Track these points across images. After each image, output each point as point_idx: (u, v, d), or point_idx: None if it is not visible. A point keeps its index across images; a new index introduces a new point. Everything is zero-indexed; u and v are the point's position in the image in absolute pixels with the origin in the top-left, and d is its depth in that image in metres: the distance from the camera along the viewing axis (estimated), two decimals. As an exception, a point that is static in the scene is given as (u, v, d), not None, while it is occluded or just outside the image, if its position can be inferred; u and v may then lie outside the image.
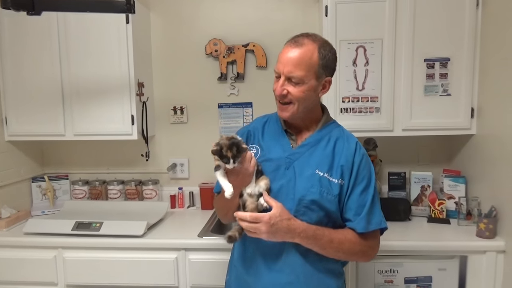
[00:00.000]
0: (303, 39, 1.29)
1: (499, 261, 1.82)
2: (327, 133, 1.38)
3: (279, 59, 1.31)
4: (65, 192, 2.60)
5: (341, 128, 1.42)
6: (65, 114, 2.27)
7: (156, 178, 2.58)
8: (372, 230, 1.31)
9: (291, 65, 1.27)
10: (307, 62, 1.27)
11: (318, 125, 1.39)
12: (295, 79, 1.27)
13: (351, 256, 1.35)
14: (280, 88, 1.29)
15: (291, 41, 1.31)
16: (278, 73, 1.31)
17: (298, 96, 1.29)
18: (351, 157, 1.33)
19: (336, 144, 1.35)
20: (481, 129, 2.07)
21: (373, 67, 2.10)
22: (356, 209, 1.31)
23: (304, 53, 1.27)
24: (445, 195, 2.20)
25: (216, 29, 2.48)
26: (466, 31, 2.04)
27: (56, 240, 2.02)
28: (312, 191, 1.28)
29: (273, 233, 1.22)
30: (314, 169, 1.30)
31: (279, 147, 1.37)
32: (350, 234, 1.30)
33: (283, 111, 1.33)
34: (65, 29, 2.20)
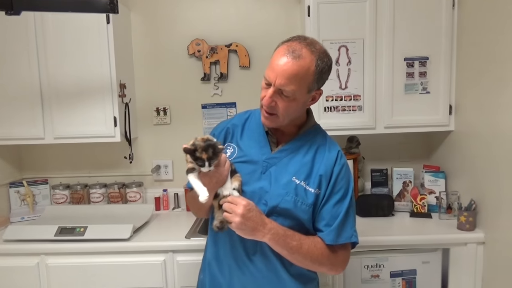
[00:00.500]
0: (301, 50, 1.18)
1: (479, 252, 1.90)
2: (309, 139, 1.32)
3: (271, 65, 1.21)
4: (45, 197, 2.53)
5: (324, 134, 1.38)
6: (44, 116, 2.21)
7: (140, 181, 2.54)
8: (341, 243, 1.26)
9: (285, 78, 1.17)
10: (302, 77, 1.18)
11: (301, 130, 1.34)
12: (286, 92, 1.19)
13: (319, 266, 1.27)
14: (269, 99, 1.21)
15: (287, 48, 1.19)
16: (268, 82, 1.21)
17: (286, 110, 1.23)
18: (331, 167, 1.27)
19: (317, 152, 1.30)
20: (459, 125, 2.14)
21: (355, 66, 2.14)
22: (328, 220, 1.26)
23: (301, 67, 1.17)
24: (426, 190, 2.27)
25: (199, 29, 2.46)
26: (443, 31, 2.11)
27: (38, 246, 1.96)
28: (286, 199, 1.24)
29: (246, 220, 1.16)
30: (291, 176, 1.26)
31: (257, 149, 1.32)
32: (320, 243, 1.25)
33: (267, 120, 1.27)
34: (42, 29, 2.14)
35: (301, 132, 1.34)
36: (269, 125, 1.30)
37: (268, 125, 1.29)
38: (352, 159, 2.31)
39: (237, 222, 1.17)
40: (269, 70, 1.21)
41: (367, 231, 2.00)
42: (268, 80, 1.21)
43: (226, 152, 1.34)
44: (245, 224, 1.17)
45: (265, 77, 1.23)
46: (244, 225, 1.17)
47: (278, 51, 1.22)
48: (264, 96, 1.23)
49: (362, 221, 2.16)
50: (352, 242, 1.31)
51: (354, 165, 2.32)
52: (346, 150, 2.36)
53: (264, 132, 1.34)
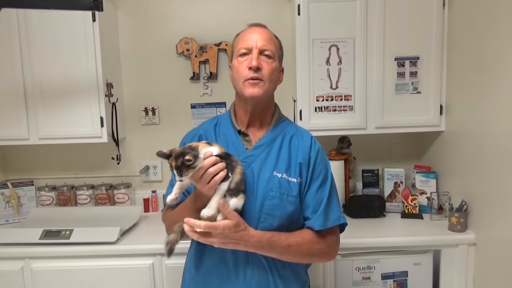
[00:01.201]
0: (262, 24, 1.32)
1: (470, 253, 1.88)
2: (281, 131, 1.33)
3: (244, 38, 1.27)
4: (30, 199, 2.47)
5: (294, 125, 1.38)
6: (28, 117, 2.15)
7: (128, 182, 2.50)
8: (330, 227, 1.26)
9: (264, 39, 1.26)
10: (274, 41, 1.30)
11: (271, 123, 1.34)
12: (268, 51, 1.25)
13: (311, 257, 1.28)
14: (257, 60, 1.23)
15: (251, 25, 1.32)
16: (247, 49, 1.25)
17: (269, 72, 1.25)
18: (308, 153, 1.29)
19: (292, 142, 1.31)
20: (449, 125, 2.13)
21: (346, 66, 2.12)
22: (313, 206, 1.26)
23: (271, 33, 1.31)
24: (417, 190, 2.26)
25: (188, 27, 2.42)
26: (433, 31, 2.10)
27: (22, 250, 1.91)
28: (271, 195, 1.22)
29: (224, 243, 1.14)
30: (271, 171, 1.24)
31: (233, 151, 1.27)
32: (308, 235, 1.24)
33: (255, 86, 1.23)
34: (26, 27, 2.09)
35: (272, 125, 1.33)
36: (257, 94, 1.24)
37: (256, 93, 1.24)
38: (343, 159, 2.29)
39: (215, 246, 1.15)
40: (242, 43, 1.27)
41: (358, 233, 1.98)
42: (247, 47, 1.25)
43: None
44: (224, 246, 1.15)
45: (239, 50, 1.26)
46: (223, 246, 1.15)
47: (243, 32, 1.31)
48: (246, 67, 1.24)
49: (353, 222, 2.14)
50: (341, 224, 1.31)
51: (345, 166, 2.30)
52: (337, 150, 2.34)
53: (236, 132, 1.32)
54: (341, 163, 2.28)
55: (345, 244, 1.89)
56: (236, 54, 1.29)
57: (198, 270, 1.30)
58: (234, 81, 1.31)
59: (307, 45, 2.10)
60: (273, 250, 1.19)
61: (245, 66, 1.24)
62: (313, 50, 2.11)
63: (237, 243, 1.15)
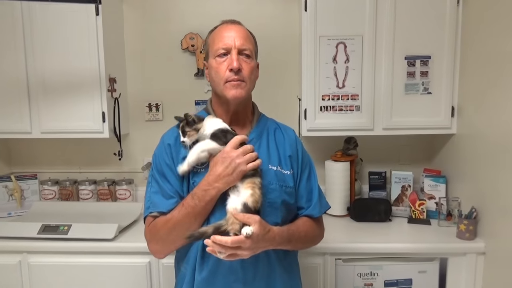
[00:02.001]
0: (236, 21, 1.30)
1: (479, 262, 1.80)
2: (264, 126, 1.34)
3: (221, 36, 1.24)
4: (33, 192, 2.47)
5: (272, 120, 1.41)
6: (31, 110, 2.15)
7: (130, 178, 2.47)
8: (324, 212, 1.38)
9: (241, 38, 1.23)
10: (251, 38, 1.29)
11: (254, 120, 1.34)
12: (247, 51, 1.23)
13: (312, 242, 1.36)
14: (237, 61, 1.20)
15: (226, 22, 1.28)
16: (226, 49, 1.22)
17: (249, 73, 1.24)
18: (295, 146, 1.33)
19: (276, 136, 1.33)
20: (461, 128, 2.04)
21: (353, 64, 2.05)
22: (306, 195, 1.33)
23: (246, 30, 1.29)
24: (426, 195, 2.17)
25: (193, 23, 2.38)
26: (446, 29, 2.01)
27: (20, 244, 1.89)
28: (271, 188, 1.22)
29: (255, 251, 1.11)
30: (266, 165, 1.24)
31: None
32: (309, 222, 1.31)
33: (238, 88, 1.22)
34: (30, 20, 2.08)
35: (254, 121, 1.34)
36: (240, 95, 1.23)
37: (239, 95, 1.22)
38: (349, 160, 2.22)
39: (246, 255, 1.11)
40: (219, 42, 1.23)
41: (361, 237, 1.92)
42: (225, 47, 1.22)
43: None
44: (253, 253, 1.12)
45: (217, 50, 1.23)
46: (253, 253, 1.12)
47: (218, 29, 1.27)
48: (227, 67, 1.21)
49: (357, 226, 2.08)
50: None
51: (351, 167, 2.23)
52: (343, 151, 2.27)
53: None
54: (347, 164, 2.21)
55: (347, 249, 1.83)
56: (213, 53, 1.25)
57: (201, 273, 1.23)
58: (212, 82, 1.27)
59: (313, 42, 2.04)
60: (291, 243, 1.22)
61: (225, 67, 1.22)
62: (319, 47, 2.04)
63: (265, 247, 1.14)
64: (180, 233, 1.17)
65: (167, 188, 1.24)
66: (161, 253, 1.28)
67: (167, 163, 1.26)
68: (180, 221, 1.17)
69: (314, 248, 1.74)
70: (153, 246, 1.26)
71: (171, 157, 1.26)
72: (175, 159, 1.25)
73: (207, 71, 1.30)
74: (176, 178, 1.25)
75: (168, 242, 1.22)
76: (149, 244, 1.27)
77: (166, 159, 1.26)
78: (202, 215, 1.17)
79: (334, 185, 2.20)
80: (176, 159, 1.25)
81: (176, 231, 1.18)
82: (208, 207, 1.17)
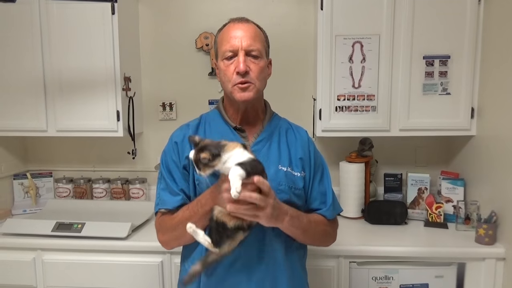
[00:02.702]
0: (246, 19, 1.24)
1: (498, 268, 1.75)
2: (275, 125, 1.32)
3: (228, 38, 1.20)
4: (48, 190, 2.50)
5: (285, 120, 1.39)
6: (47, 109, 2.16)
7: (143, 177, 2.48)
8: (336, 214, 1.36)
9: (249, 38, 1.19)
10: (260, 36, 1.24)
11: (266, 118, 1.32)
12: (255, 52, 1.20)
13: (324, 238, 1.34)
14: (244, 64, 1.18)
15: (233, 22, 1.23)
16: (233, 51, 1.19)
17: (257, 73, 1.21)
18: (307, 148, 1.31)
19: (288, 136, 1.32)
20: (481, 130, 1.99)
21: (370, 64, 2.01)
22: (320, 198, 1.31)
23: (255, 27, 1.24)
24: (443, 198, 2.12)
25: (208, 22, 2.37)
26: (467, 28, 1.95)
27: (35, 241, 1.91)
28: (280, 189, 1.21)
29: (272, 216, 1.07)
30: (276, 165, 1.23)
31: None
32: (320, 217, 1.30)
33: (245, 91, 1.20)
34: (47, 20, 2.09)
35: (265, 120, 1.32)
36: (248, 97, 1.21)
37: (247, 97, 1.21)
38: (364, 162, 2.18)
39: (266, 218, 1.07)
40: (227, 43, 1.20)
41: (376, 240, 1.88)
42: (232, 49, 1.19)
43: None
44: (274, 213, 1.08)
45: (224, 53, 1.20)
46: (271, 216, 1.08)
47: (226, 29, 1.23)
48: (234, 70, 1.19)
49: (372, 229, 2.04)
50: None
51: (366, 169, 2.19)
52: (358, 152, 2.23)
53: (232, 129, 1.29)
54: (362, 166, 2.17)
55: (362, 252, 1.80)
56: (221, 55, 1.23)
57: (210, 277, 1.22)
58: (222, 83, 1.27)
59: (329, 41, 2.01)
60: (301, 223, 1.20)
61: (233, 70, 1.20)
62: (335, 47, 2.01)
63: (284, 213, 1.13)
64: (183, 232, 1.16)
65: (173, 186, 1.26)
66: (167, 245, 1.31)
67: (174, 161, 1.27)
68: (183, 222, 1.16)
69: (328, 250, 1.74)
70: (160, 236, 1.30)
71: (178, 155, 1.27)
72: (181, 157, 1.26)
73: (218, 72, 1.29)
74: (182, 176, 1.26)
75: (173, 237, 1.26)
76: (157, 234, 1.31)
77: (173, 157, 1.28)
78: (203, 221, 1.16)
79: (348, 187, 2.16)
80: (182, 157, 1.26)
81: (180, 230, 1.19)
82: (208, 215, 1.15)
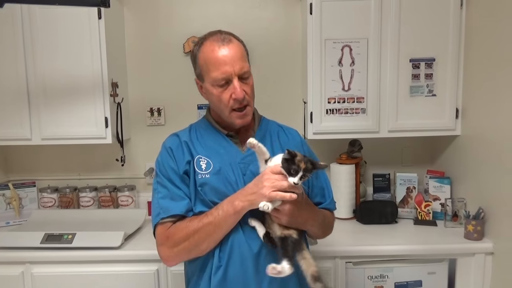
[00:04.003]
0: (228, 36, 1.21)
1: (487, 263, 1.81)
2: (265, 129, 1.33)
3: (217, 62, 1.16)
4: (32, 200, 2.41)
5: (273, 122, 1.40)
6: (31, 116, 2.09)
7: (132, 184, 2.43)
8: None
9: (239, 61, 1.18)
10: (244, 52, 1.23)
11: (255, 122, 1.33)
12: (246, 73, 1.20)
13: (329, 229, 1.39)
14: (242, 90, 1.18)
15: (216, 42, 1.18)
16: (226, 77, 1.17)
17: (250, 92, 1.22)
18: (301, 147, 1.33)
19: (280, 138, 1.33)
20: (465, 129, 2.06)
21: (359, 67, 2.05)
22: (320, 193, 1.34)
23: (239, 46, 1.22)
24: (431, 196, 2.18)
25: (195, 26, 2.36)
26: (450, 31, 2.03)
27: (23, 254, 1.84)
28: None
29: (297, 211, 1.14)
30: None
31: (226, 155, 1.25)
32: (325, 211, 1.34)
33: (244, 117, 1.23)
34: (30, 24, 2.03)
35: (256, 125, 1.33)
36: (247, 121, 1.25)
37: (247, 121, 1.25)
38: (354, 163, 2.22)
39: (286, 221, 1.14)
40: (216, 70, 1.17)
41: (370, 240, 1.92)
42: (225, 76, 1.17)
43: (201, 165, 1.23)
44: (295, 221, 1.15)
45: (215, 80, 1.18)
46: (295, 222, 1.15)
47: (210, 53, 1.18)
48: (230, 97, 1.19)
49: (365, 229, 2.08)
50: None
51: (356, 170, 2.23)
52: (348, 154, 2.27)
53: (224, 136, 1.29)
54: (352, 167, 2.21)
55: (357, 252, 1.83)
56: (211, 81, 1.19)
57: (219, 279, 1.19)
58: (214, 106, 1.27)
59: (319, 45, 2.04)
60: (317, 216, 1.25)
61: (229, 96, 1.19)
62: (325, 51, 2.04)
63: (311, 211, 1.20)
64: (198, 242, 1.16)
65: (177, 191, 1.23)
66: (173, 260, 1.24)
67: (172, 167, 1.25)
68: (199, 229, 1.15)
69: (324, 251, 1.76)
70: (165, 250, 1.22)
71: (175, 161, 1.25)
72: (179, 162, 1.25)
73: (203, 91, 1.27)
74: (182, 181, 1.24)
75: (185, 249, 1.19)
76: (160, 248, 1.23)
77: (171, 164, 1.25)
78: (221, 228, 1.15)
79: (340, 188, 2.20)
80: (180, 163, 1.24)
81: (195, 239, 1.16)
82: (229, 222, 1.15)
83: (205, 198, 1.21)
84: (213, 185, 1.20)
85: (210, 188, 1.21)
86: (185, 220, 1.20)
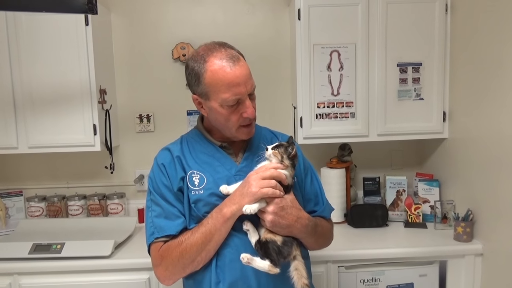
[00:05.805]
0: (235, 53, 1.17)
1: (477, 264, 1.84)
2: (259, 136, 1.33)
3: (228, 84, 1.12)
4: (19, 210, 2.37)
5: (266, 128, 1.41)
6: (17, 124, 2.06)
7: (121, 191, 2.40)
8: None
9: (249, 79, 1.16)
10: (248, 67, 1.19)
11: None
12: (254, 90, 1.21)
13: (327, 240, 1.38)
14: (254, 110, 1.19)
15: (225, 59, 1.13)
16: (240, 97, 1.14)
17: (255, 108, 1.23)
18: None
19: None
20: (453, 132, 2.09)
21: (347, 71, 2.07)
22: (314, 199, 1.34)
23: (245, 63, 1.18)
24: (420, 199, 2.21)
25: (184, 32, 2.35)
26: (436, 36, 2.06)
27: (10, 265, 1.80)
28: None
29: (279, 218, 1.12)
30: None
31: (221, 167, 1.23)
32: (323, 220, 1.34)
33: (251, 131, 1.25)
34: (15, 32, 2.00)
35: None
36: (253, 133, 1.27)
37: (253, 133, 1.27)
38: (344, 167, 2.24)
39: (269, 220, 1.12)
40: (228, 91, 1.13)
41: (361, 243, 1.92)
42: (238, 97, 1.14)
43: (194, 181, 1.21)
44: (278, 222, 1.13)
45: (226, 101, 1.14)
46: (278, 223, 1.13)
47: (219, 71, 1.12)
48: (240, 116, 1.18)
49: (356, 232, 2.08)
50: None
51: (346, 174, 2.25)
52: (338, 158, 2.28)
53: (217, 147, 1.27)
54: (342, 171, 2.22)
55: (349, 256, 1.84)
56: (220, 100, 1.15)
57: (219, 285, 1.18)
58: (219, 124, 1.23)
59: (307, 50, 2.05)
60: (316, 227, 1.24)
61: (239, 115, 1.18)
62: (313, 56, 2.06)
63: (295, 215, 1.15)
64: (192, 256, 1.14)
65: (171, 209, 1.21)
66: (169, 279, 1.23)
67: (165, 184, 1.23)
68: (193, 243, 1.14)
69: (317, 256, 1.76)
70: (162, 271, 1.20)
71: (168, 177, 1.23)
72: (173, 179, 1.23)
73: (204, 109, 1.22)
74: (176, 198, 1.22)
75: (180, 267, 1.17)
76: (157, 269, 1.22)
77: (163, 180, 1.23)
78: (215, 237, 1.13)
79: (331, 192, 2.20)
80: (174, 179, 1.23)
81: (188, 254, 1.15)
82: (221, 230, 1.13)
83: (199, 215, 1.19)
84: (207, 201, 1.19)
85: (204, 205, 1.19)
86: (179, 237, 1.18)
